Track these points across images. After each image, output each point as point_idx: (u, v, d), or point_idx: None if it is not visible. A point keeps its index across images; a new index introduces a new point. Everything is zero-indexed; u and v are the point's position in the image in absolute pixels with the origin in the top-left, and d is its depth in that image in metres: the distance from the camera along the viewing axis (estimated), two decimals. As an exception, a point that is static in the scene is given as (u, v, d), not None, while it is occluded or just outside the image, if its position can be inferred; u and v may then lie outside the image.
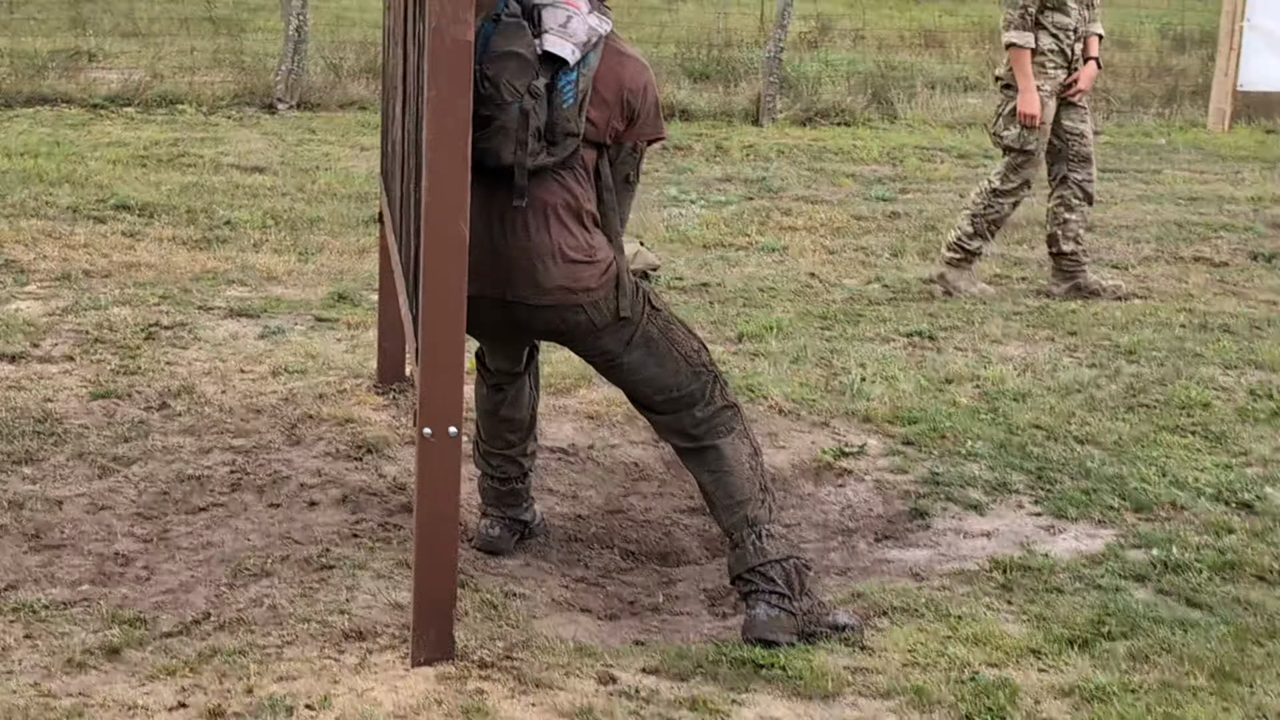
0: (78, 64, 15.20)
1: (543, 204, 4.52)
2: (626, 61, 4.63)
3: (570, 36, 4.42)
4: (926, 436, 6.42)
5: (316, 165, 11.36)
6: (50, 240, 8.93)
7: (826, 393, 6.89)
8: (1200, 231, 10.43)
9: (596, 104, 4.52)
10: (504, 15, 4.42)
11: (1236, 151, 13.91)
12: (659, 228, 9.89)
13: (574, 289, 4.58)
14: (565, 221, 4.55)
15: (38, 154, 11.24)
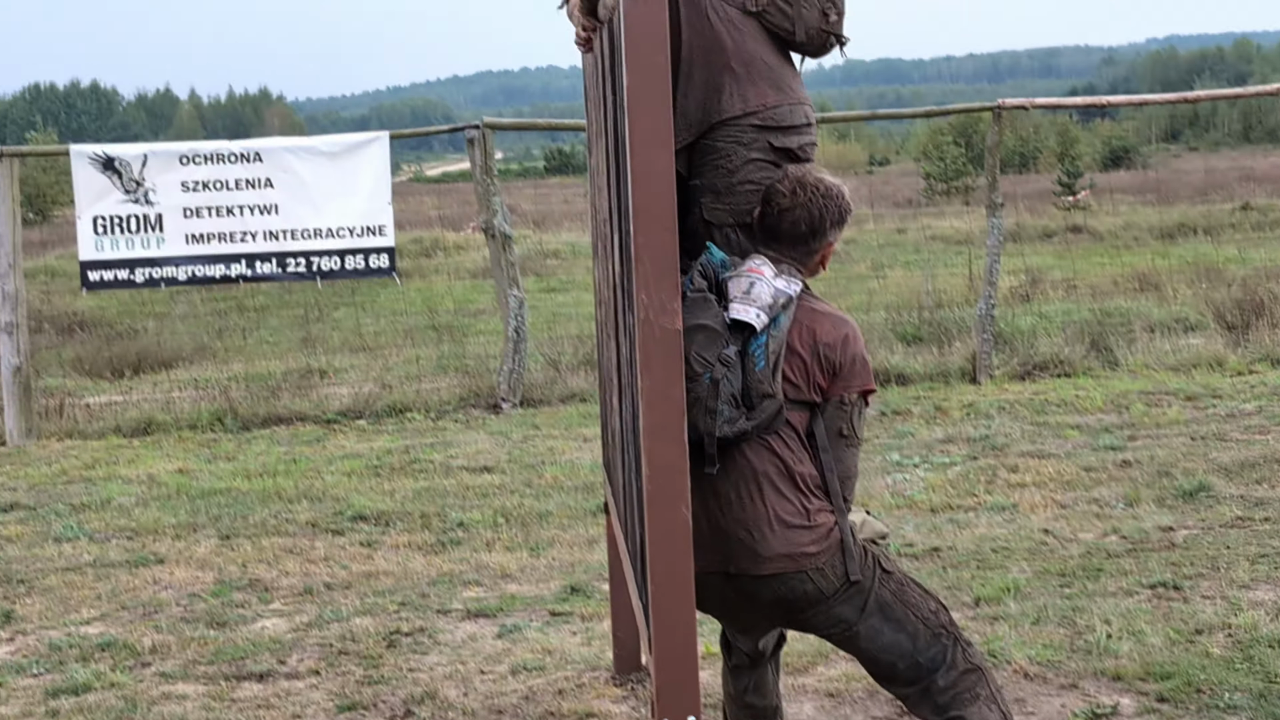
0: (310, 382, 15.51)
1: (753, 471, 4.45)
2: (821, 317, 4.57)
3: (754, 302, 4.39)
4: (1181, 692, 6.15)
5: (542, 460, 11.40)
6: (291, 556, 8.99)
7: (1072, 653, 6.65)
8: None
9: (793, 363, 4.48)
10: (689, 291, 4.37)
11: None
12: (884, 494, 9.75)
13: (795, 555, 4.48)
14: (779, 487, 4.46)
15: (276, 473, 11.41)
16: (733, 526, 4.45)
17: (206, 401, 14.52)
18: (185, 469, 11.74)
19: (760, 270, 4.43)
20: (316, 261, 13.54)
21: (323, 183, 13.52)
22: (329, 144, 13.71)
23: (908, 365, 14.54)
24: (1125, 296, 20.53)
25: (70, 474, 11.79)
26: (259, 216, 13.46)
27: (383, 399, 14.32)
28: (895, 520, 9.07)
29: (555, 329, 18.08)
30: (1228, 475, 9.74)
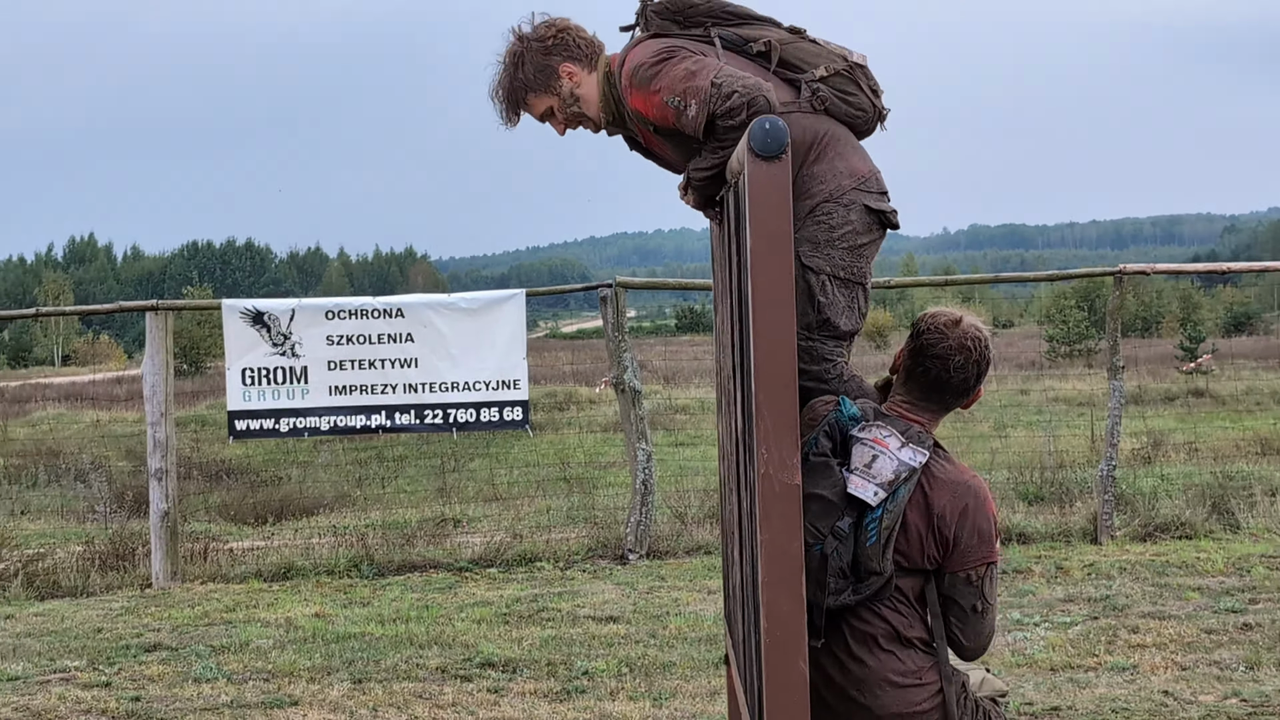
0: (444, 530, 15.57)
1: (864, 635, 4.44)
2: (942, 486, 4.51)
3: (874, 478, 4.36)
4: None
5: (666, 611, 11.35)
6: (420, 701, 8.99)
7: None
8: None
9: (906, 534, 4.43)
10: (812, 455, 4.36)
11: None
12: (1004, 652, 9.62)
13: (906, 714, 4.43)
14: (891, 649, 4.42)
15: (408, 618, 11.44)
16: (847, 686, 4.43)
17: (344, 548, 14.60)
18: (322, 613, 11.79)
19: (886, 443, 4.39)
20: (453, 413, 13.62)
21: (461, 337, 13.64)
22: (468, 300, 13.83)
23: (1029, 525, 14.39)
24: (1247, 460, 20.25)
25: (211, 616, 11.87)
26: (399, 370, 13.59)
27: (513, 548, 14.34)
28: (1015, 678, 8.95)
29: (682, 482, 18.06)
30: (1346, 638, 9.56)
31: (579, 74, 5.23)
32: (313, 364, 13.59)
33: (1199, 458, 20.75)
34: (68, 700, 9.26)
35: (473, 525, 16.71)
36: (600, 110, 5.24)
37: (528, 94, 5.26)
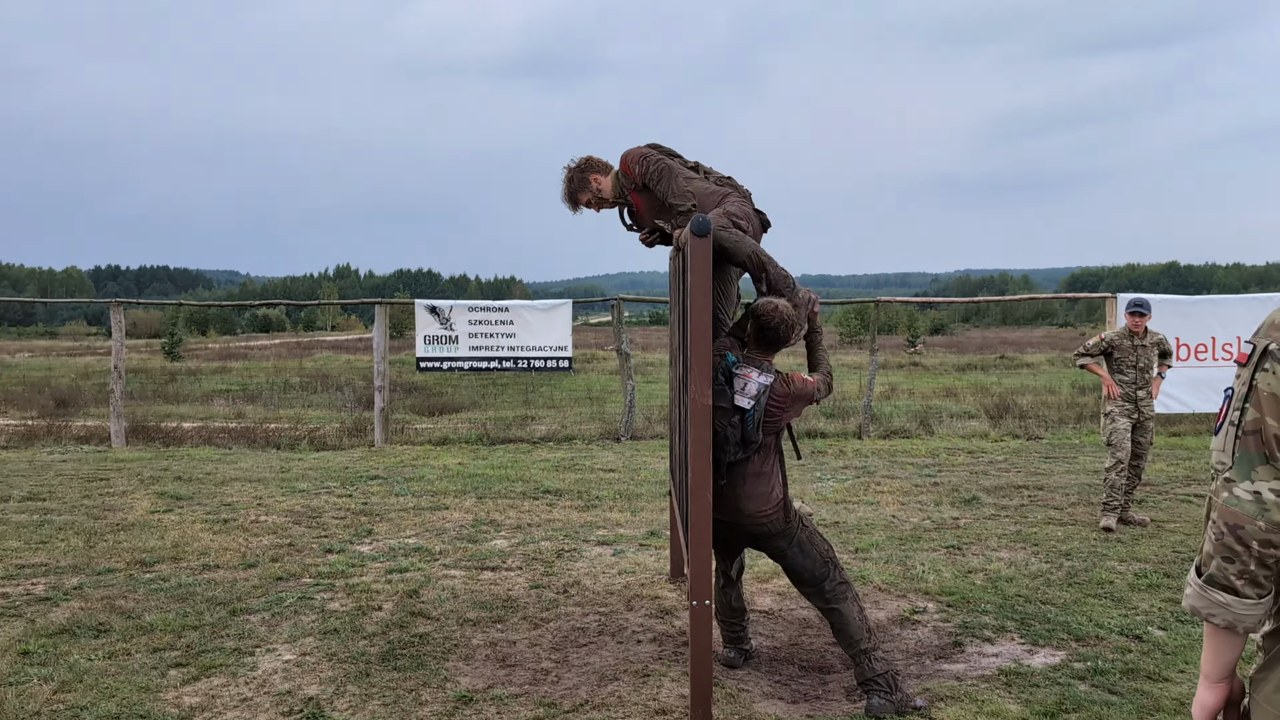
0: (526, 421, 15.55)
1: (743, 472, 4.42)
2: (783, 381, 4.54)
3: (746, 395, 4.41)
4: (959, 602, 6.02)
5: (639, 467, 11.36)
6: (511, 509, 8.98)
7: (905, 579, 6.52)
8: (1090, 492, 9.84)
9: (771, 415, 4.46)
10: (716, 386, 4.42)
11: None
12: (810, 493, 9.63)
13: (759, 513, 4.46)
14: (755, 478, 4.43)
15: (506, 467, 11.43)
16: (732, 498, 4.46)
17: (473, 429, 14.58)
18: (461, 463, 11.78)
19: (750, 375, 4.43)
20: (533, 362, 13.60)
21: (538, 322, 13.60)
22: (542, 304, 13.77)
23: (826, 428, 14.40)
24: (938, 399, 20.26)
25: (404, 463, 11.86)
26: (506, 339, 13.55)
27: (562, 432, 14.33)
28: (815, 507, 8.96)
29: (650, 400, 18.04)
30: (988, 492, 9.57)
31: (601, 179, 5.32)
32: (461, 334, 13.54)
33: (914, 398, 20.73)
34: (330, 503, 9.26)
35: (540, 419, 16.71)
36: (612, 194, 5.31)
37: (576, 193, 5.36)
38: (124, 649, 5.24)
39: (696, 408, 3.98)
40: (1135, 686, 4.61)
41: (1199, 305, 13.46)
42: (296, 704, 4.51)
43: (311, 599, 6.13)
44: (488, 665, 5.01)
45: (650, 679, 4.77)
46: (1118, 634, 5.37)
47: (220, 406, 19.43)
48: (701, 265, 3.96)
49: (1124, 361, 8.31)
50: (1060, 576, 6.54)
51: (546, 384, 23.85)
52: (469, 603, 6.05)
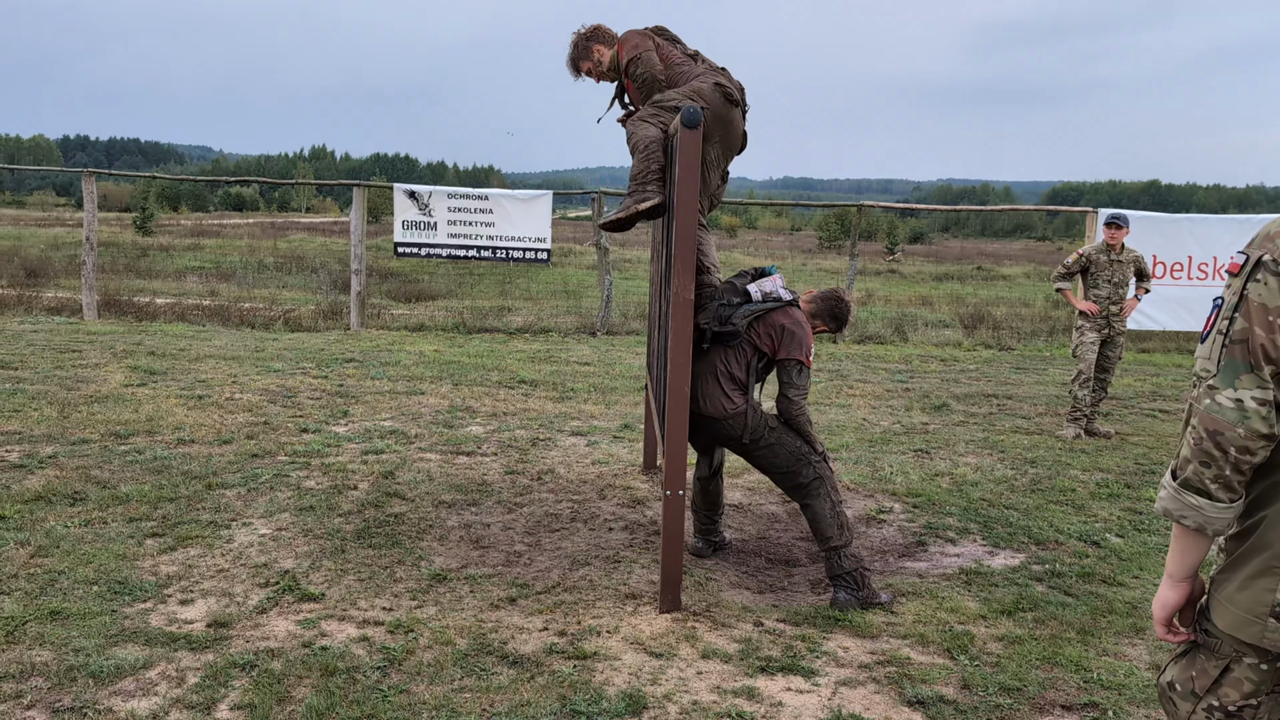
0: (502, 312, 15.52)
1: (712, 367, 4.55)
2: (784, 316, 4.64)
3: (761, 289, 4.55)
4: (925, 504, 6.16)
5: (614, 362, 11.40)
6: (487, 397, 9.03)
7: (873, 480, 6.65)
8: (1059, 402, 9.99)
9: (760, 330, 4.55)
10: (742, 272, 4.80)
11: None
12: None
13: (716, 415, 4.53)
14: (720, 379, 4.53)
15: (482, 356, 11.46)
16: (701, 393, 4.53)
17: (450, 317, 14.56)
18: (438, 350, 11.79)
19: (776, 279, 4.60)
20: (511, 253, 13.51)
21: (518, 213, 13.46)
22: (522, 194, 13.62)
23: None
24: (914, 307, 20.39)
25: (380, 347, 11.86)
26: (484, 228, 13.43)
27: (538, 324, 14.34)
28: (789, 407, 9.08)
29: (627, 297, 18.04)
30: (958, 400, 9.71)
31: (604, 51, 5.25)
32: (440, 221, 13.41)
33: (890, 304, 20.86)
34: (305, 384, 9.27)
35: (517, 310, 16.69)
36: (610, 70, 5.25)
37: (578, 60, 5.31)
38: (100, 518, 5.29)
39: (678, 301, 3.99)
40: (1090, 590, 4.76)
41: (1178, 224, 13.50)
42: (273, 576, 4.59)
43: (287, 476, 6.19)
44: (461, 546, 5.10)
45: (621, 564, 4.88)
46: (1076, 539, 5.52)
47: (193, 284, 19.27)
48: (690, 159, 3.93)
49: (1100, 276, 8.37)
50: (1024, 483, 6.68)
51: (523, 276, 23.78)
52: (444, 485, 6.12)
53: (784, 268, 30.59)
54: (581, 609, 4.28)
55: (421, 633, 4.01)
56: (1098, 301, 8.36)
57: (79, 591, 4.32)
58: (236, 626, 4.05)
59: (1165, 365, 12.64)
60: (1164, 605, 2.04)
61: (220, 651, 3.82)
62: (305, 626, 4.06)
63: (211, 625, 4.05)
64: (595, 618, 4.18)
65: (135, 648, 3.82)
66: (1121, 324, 8.39)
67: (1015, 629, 4.22)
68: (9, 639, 3.84)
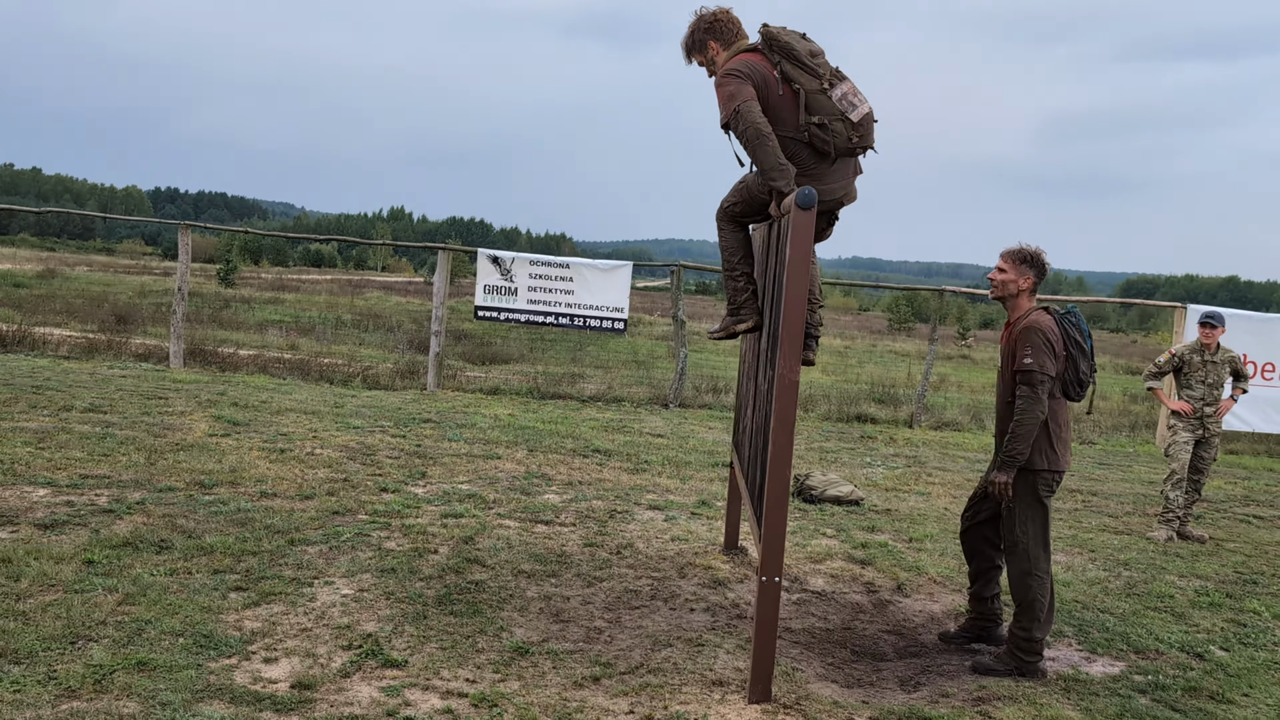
0: (576, 379, 15.53)
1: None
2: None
3: None
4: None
5: (688, 435, 11.32)
6: (563, 465, 8.98)
7: (960, 574, 6.43)
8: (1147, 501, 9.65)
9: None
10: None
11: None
12: (860, 478, 9.56)
13: None
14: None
15: (557, 422, 11.44)
16: None
17: (524, 381, 14.61)
18: (512, 414, 11.80)
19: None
20: (588, 321, 13.55)
21: (597, 282, 13.54)
22: (603, 264, 13.71)
23: (878, 413, 14.28)
24: (987, 394, 20.06)
25: (456, 409, 11.91)
26: (564, 295, 13.51)
27: (610, 393, 14.32)
28: (866, 492, 8.88)
29: (698, 370, 17.98)
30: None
31: (718, 50, 4.83)
32: (520, 286, 13.52)
33: (963, 390, 20.54)
34: (384, 442, 9.31)
35: (587, 378, 16.70)
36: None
37: (689, 53, 4.93)
38: (185, 567, 5.30)
39: (784, 383, 3.92)
40: (1198, 705, 4.53)
41: (1270, 323, 13.16)
42: (355, 639, 4.54)
43: (368, 536, 6.17)
44: (541, 619, 5.01)
45: (705, 649, 4.75)
46: (1178, 650, 5.28)
47: (275, 336, 19.61)
48: (802, 239, 3.89)
49: (1193, 377, 8.14)
50: (1118, 586, 6.43)
51: (593, 343, 23.87)
52: (524, 554, 6.05)
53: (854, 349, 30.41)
54: (667, 693, 4.16)
55: (506, 708, 3.92)
56: (1191, 401, 8.12)
57: (165, 643, 4.31)
58: (320, 689, 4.00)
59: (1256, 469, 12.22)
60: None
61: (305, 714, 3.76)
62: (389, 694, 3.99)
63: (295, 686, 4.01)
64: (682, 704, 4.06)
65: (220, 705, 3.78)
66: (1217, 425, 8.13)
67: (1122, 743, 4.02)
68: (97, 687, 3.83)
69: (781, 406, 3.95)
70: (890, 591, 6.01)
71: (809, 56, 4.53)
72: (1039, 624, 4.76)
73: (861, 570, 6.37)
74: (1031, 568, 4.79)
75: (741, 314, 4.90)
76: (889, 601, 5.84)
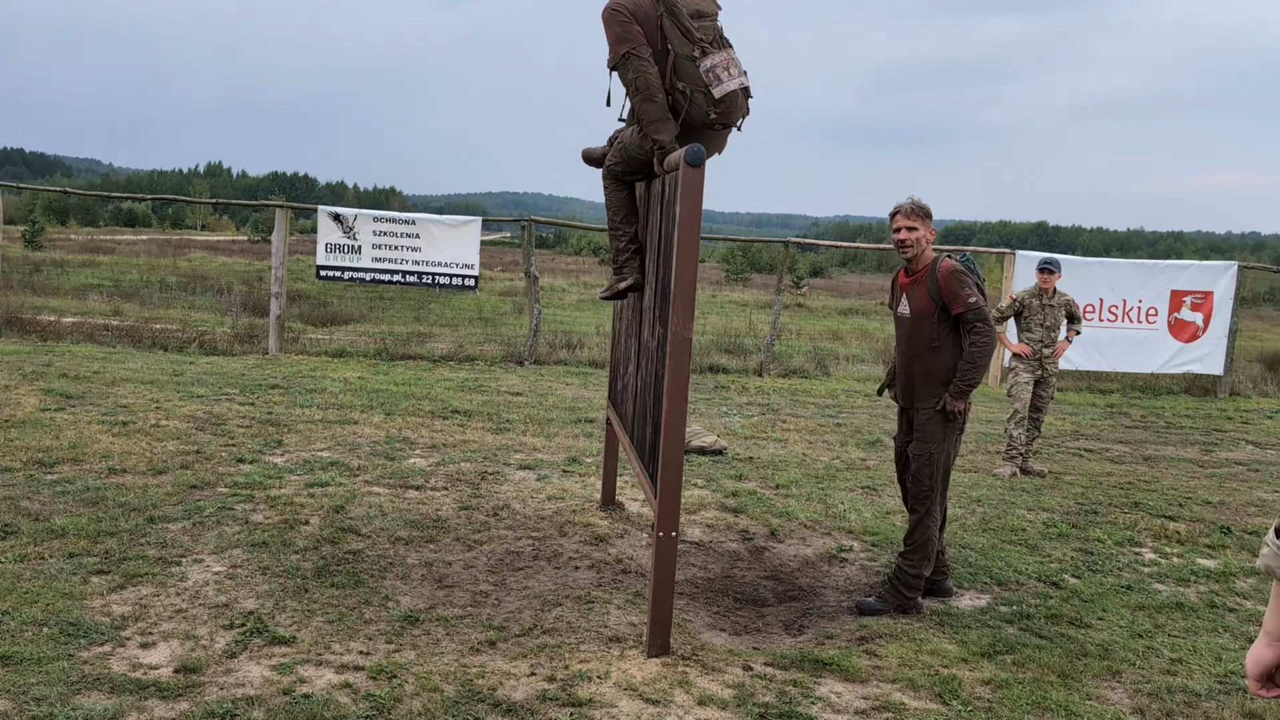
0: (423, 340, 15.22)
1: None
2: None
3: None
4: (882, 541, 6.18)
5: (546, 392, 11.28)
6: (423, 428, 8.82)
7: (827, 518, 6.66)
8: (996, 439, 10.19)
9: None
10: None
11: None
12: (719, 427, 9.73)
13: None
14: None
15: (410, 384, 11.21)
16: None
17: (371, 342, 14.25)
18: (362, 377, 11.51)
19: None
20: (437, 278, 13.28)
21: (445, 239, 13.26)
22: (450, 219, 13.43)
23: (729, 364, 14.53)
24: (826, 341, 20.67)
25: (303, 373, 11.53)
26: (410, 252, 13.19)
27: (462, 352, 14.11)
28: (728, 440, 9.05)
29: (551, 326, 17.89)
30: (890, 436, 9.81)
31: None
32: (365, 245, 13.13)
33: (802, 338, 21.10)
34: (233, 410, 8.94)
35: (436, 337, 16.39)
36: None
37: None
38: (36, 552, 4.99)
39: (678, 341, 3.94)
40: (1060, 631, 4.82)
41: (1089, 267, 13.98)
42: (236, 617, 4.37)
43: (232, 509, 5.93)
44: (425, 585, 4.93)
45: (595, 606, 4.77)
46: (1036, 580, 5.60)
47: (96, 302, 18.52)
48: (692, 197, 3.89)
49: (1033, 320, 8.58)
50: (974, 522, 6.78)
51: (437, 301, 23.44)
52: (398, 521, 5.93)
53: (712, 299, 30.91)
54: (566, 652, 4.17)
55: (405, 679, 3.85)
56: (1031, 344, 8.57)
57: (28, 634, 4.05)
58: (207, 672, 3.84)
59: (1081, 404, 13.03)
60: (1259, 662, 2.05)
61: (195, 700, 3.60)
62: (281, 672, 3.87)
63: (180, 671, 3.83)
64: (582, 662, 4.07)
65: (101, 696, 3.59)
66: (1054, 365, 8.61)
67: (999, 672, 4.25)
68: (-40, 688, 3.57)
69: (676, 364, 3.97)
70: (764, 538, 6.16)
71: (691, 17, 4.40)
72: (927, 563, 4.97)
73: (735, 519, 6.51)
74: (932, 510, 4.99)
75: (623, 272, 4.89)
76: (764, 548, 5.99)
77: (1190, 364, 14.18)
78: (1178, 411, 12.77)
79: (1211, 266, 14.31)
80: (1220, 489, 8.28)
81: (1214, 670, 4.46)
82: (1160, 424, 11.69)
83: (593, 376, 12.73)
